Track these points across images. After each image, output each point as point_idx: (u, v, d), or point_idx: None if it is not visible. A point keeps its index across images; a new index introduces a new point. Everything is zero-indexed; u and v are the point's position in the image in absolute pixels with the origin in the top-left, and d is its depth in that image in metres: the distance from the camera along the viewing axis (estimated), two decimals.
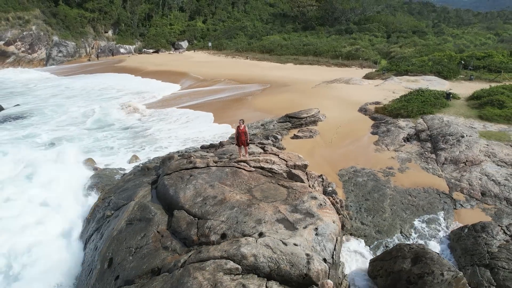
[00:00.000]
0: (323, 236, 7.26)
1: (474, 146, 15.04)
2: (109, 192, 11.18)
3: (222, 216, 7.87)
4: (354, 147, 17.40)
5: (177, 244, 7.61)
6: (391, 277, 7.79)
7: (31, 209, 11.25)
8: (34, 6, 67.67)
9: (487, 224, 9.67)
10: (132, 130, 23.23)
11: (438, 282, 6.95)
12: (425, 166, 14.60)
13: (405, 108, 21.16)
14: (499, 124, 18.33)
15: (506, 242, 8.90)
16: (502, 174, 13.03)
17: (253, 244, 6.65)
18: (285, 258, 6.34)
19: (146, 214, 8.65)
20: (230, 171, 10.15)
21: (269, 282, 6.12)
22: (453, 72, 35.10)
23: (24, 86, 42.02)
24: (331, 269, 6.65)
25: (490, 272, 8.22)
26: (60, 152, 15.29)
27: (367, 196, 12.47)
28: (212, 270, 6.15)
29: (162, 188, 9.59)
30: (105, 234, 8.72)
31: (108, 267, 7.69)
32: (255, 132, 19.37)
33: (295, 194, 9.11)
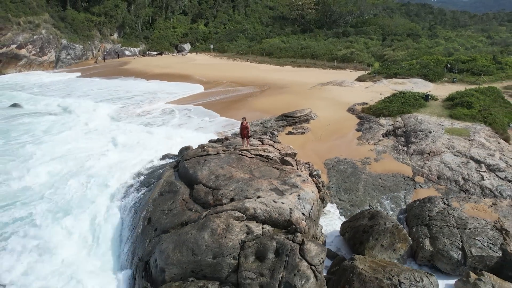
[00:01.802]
0: (303, 199, 10.18)
1: (438, 140, 17.97)
2: (139, 175, 14.13)
3: (230, 187, 10.79)
4: (340, 141, 20.33)
5: (198, 207, 10.52)
6: (353, 231, 10.73)
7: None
8: (44, 10, 70.53)
9: (432, 197, 12.61)
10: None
11: (382, 229, 9.88)
12: (397, 157, 17.52)
13: (387, 108, 24.09)
14: (465, 122, 21.23)
15: (443, 209, 11.83)
16: (456, 162, 15.95)
17: (253, 202, 9.56)
18: (275, 210, 9.25)
19: (173, 188, 11.58)
20: (235, 157, 13.07)
21: (264, 225, 9.02)
22: (438, 75, 37.98)
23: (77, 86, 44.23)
24: (308, 220, 9.54)
25: (427, 229, 11.15)
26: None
27: (345, 180, 15.40)
28: (225, 217, 9.06)
29: (183, 170, 12.52)
30: (142, 203, 11.65)
31: (148, 224, 10.61)
32: (255, 129, 22.27)
33: (285, 173, 12.03)
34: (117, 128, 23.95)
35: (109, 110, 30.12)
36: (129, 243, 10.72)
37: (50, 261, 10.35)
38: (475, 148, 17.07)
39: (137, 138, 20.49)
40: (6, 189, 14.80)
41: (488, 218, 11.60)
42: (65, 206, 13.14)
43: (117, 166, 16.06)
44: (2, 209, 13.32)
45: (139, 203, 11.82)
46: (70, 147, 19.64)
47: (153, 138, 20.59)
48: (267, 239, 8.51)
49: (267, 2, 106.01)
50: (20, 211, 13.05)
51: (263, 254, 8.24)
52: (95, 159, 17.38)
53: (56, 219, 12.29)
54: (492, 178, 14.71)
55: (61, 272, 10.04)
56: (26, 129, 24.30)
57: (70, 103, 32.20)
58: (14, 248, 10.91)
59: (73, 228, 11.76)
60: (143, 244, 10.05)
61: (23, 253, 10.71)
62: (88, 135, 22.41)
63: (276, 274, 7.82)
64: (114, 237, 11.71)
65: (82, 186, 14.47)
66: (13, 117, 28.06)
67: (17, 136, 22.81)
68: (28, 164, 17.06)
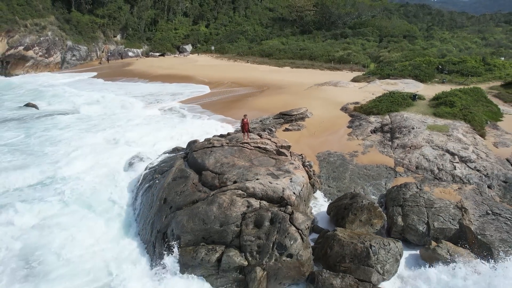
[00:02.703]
0: (295, 182, 12.16)
1: (419, 135, 19.95)
2: (153, 164, 16.14)
3: (233, 172, 12.77)
4: (332, 137, 22.31)
5: (206, 189, 12.50)
6: (336, 209, 12.74)
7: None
8: (49, 13, 72.51)
9: (408, 183, 14.61)
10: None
11: (360, 206, 11.88)
12: (382, 150, 19.51)
13: (376, 107, 26.06)
14: (447, 120, 23.20)
15: (416, 193, 13.82)
16: (434, 154, 17.94)
17: (252, 182, 11.55)
18: (270, 189, 11.23)
19: (185, 174, 13.56)
20: (237, 149, 15.06)
21: (261, 200, 11.00)
22: (428, 76, 39.96)
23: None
24: (297, 198, 11.52)
25: (401, 208, 13.14)
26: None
27: (334, 170, 17.40)
28: (230, 195, 11.04)
29: (192, 159, 14.51)
30: (158, 186, 13.64)
31: (163, 203, 12.59)
32: (255, 126, 24.24)
33: (280, 162, 14.02)
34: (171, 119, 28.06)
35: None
36: (148, 219, 12.72)
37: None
38: (451, 142, 19.06)
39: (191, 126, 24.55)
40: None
41: (453, 200, 13.61)
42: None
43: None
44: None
45: (155, 187, 13.81)
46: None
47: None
48: (264, 210, 10.51)
49: (267, 4, 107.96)
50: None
51: (260, 222, 10.22)
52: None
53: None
54: (463, 168, 16.70)
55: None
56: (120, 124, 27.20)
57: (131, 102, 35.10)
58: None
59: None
60: (160, 219, 12.05)
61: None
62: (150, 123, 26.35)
63: (270, 237, 9.81)
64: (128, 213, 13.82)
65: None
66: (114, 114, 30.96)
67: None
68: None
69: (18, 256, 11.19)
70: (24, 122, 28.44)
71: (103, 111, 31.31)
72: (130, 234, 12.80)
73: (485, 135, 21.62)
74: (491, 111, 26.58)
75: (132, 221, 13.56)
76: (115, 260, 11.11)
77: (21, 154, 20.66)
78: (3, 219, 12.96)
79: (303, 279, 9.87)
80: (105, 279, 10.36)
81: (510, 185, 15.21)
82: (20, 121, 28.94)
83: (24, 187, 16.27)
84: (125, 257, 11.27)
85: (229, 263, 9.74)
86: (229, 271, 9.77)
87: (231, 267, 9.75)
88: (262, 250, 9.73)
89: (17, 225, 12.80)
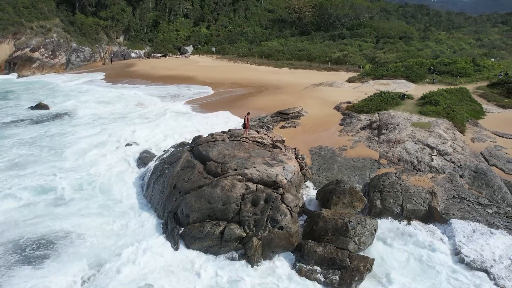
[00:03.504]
0: (287, 170, 14.10)
1: (403, 131, 21.89)
2: (162, 157, 18.11)
3: (234, 162, 14.71)
4: (324, 133, 24.23)
5: (210, 176, 14.43)
6: (323, 193, 14.69)
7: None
8: (54, 15, 74.43)
9: (388, 173, 16.56)
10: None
11: (342, 189, 13.83)
12: (369, 145, 21.45)
13: (367, 106, 27.99)
14: (431, 117, 25.10)
15: (394, 180, 15.77)
16: (415, 148, 19.87)
17: (250, 169, 13.49)
18: (265, 175, 13.17)
19: (191, 164, 15.51)
20: (237, 142, 17.01)
21: (258, 184, 12.94)
22: (420, 77, 41.85)
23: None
24: (288, 183, 13.46)
25: (380, 193, 15.09)
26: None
27: (325, 162, 19.34)
28: (231, 179, 12.98)
29: (197, 151, 16.45)
30: (168, 174, 15.58)
31: (173, 189, 14.54)
32: (254, 124, 26.19)
33: (275, 154, 15.97)
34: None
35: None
36: (160, 202, 14.67)
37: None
38: (432, 138, 21.00)
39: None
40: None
41: (426, 186, 15.55)
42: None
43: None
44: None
45: (165, 176, 15.75)
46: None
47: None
48: (260, 192, 12.45)
49: (267, 5, 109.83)
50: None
51: (256, 202, 12.17)
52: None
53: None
54: (440, 160, 18.64)
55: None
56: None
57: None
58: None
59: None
60: (171, 202, 14.00)
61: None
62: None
63: (265, 213, 11.75)
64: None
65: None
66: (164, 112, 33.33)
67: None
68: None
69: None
70: (38, 122, 30.40)
71: (115, 109, 33.34)
72: (144, 215, 14.77)
73: (465, 131, 23.56)
74: (474, 110, 28.53)
75: (145, 204, 15.54)
76: (135, 233, 13.13)
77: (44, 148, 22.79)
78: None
79: (292, 248, 11.81)
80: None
81: (479, 175, 17.13)
82: (35, 121, 30.93)
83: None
84: (144, 231, 13.24)
85: (231, 234, 11.69)
86: (231, 241, 11.71)
87: (232, 238, 11.69)
88: (258, 224, 11.67)
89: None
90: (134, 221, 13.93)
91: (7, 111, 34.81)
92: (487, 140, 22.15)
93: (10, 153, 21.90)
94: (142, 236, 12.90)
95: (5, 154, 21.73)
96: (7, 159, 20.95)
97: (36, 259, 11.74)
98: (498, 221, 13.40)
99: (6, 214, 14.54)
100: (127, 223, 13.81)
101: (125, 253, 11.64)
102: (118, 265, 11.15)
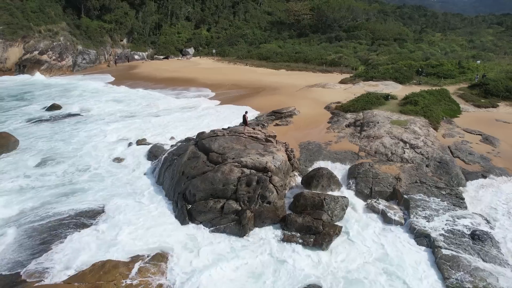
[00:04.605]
0: (275, 159, 17.05)
1: (382, 128, 24.82)
2: (171, 149, 21.09)
3: (232, 153, 17.65)
4: (313, 130, 27.15)
5: (212, 164, 17.36)
6: (306, 178, 17.64)
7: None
8: (61, 19, 77.39)
9: (363, 163, 19.52)
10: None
11: (321, 174, 16.79)
12: (351, 140, 24.38)
13: (353, 106, 30.90)
14: (409, 116, 27.99)
15: (367, 169, 18.71)
16: (390, 142, 22.79)
17: (245, 158, 16.45)
18: (257, 162, 16.12)
19: (196, 155, 18.47)
20: (235, 137, 19.96)
21: (251, 169, 15.89)
22: (407, 78, 44.75)
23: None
24: (277, 169, 16.40)
25: (355, 179, 18.01)
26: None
27: (311, 154, 22.28)
28: (229, 166, 15.93)
29: (201, 144, 19.40)
30: (177, 163, 18.53)
31: (182, 175, 17.49)
32: (250, 122, 29.12)
33: (267, 146, 18.91)
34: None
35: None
36: (171, 187, 17.64)
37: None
38: (406, 134, 23.92)
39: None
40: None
41: (393, 173, 18.49)
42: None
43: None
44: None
45: (174, 165, 18.71)
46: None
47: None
48: (252, 175, 15.41)
49: (266, 8, 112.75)
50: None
51: (250, 183, 15.11)
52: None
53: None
54: (411, 152, 21.56)
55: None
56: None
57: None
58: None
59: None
60: (180, 185, 16.95)
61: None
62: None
63: (256, 191, 14.70)
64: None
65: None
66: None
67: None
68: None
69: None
70: (54, 121, 33.41)
71: (125, 108, 36.47)
72: (158, 197, 17.76)
73: (438, 128, 26.50)
74: (451, 109, 31.46)
75: (160, 190, 18.57)
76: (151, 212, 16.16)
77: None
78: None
79: (278, 219, 14.74)
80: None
81: (442, 165, 20.04)
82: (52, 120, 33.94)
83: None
84: (158, 211, 16.25)
85: (229, 208, 14.64)
86: (229, 214, 14.65)
87: (230, 211, 14.63)
88: (251, 200, 14.62)
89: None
90: (150, 199, 16.95)
91: (24, 111, 37.79)
92: (456, 136, 25.09)
93: (37, 148, 24.91)
94: (157, 208, 16.01)
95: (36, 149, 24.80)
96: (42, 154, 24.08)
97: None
98: (448, 199, 16.34)
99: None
100: (145, 200, 16.86)
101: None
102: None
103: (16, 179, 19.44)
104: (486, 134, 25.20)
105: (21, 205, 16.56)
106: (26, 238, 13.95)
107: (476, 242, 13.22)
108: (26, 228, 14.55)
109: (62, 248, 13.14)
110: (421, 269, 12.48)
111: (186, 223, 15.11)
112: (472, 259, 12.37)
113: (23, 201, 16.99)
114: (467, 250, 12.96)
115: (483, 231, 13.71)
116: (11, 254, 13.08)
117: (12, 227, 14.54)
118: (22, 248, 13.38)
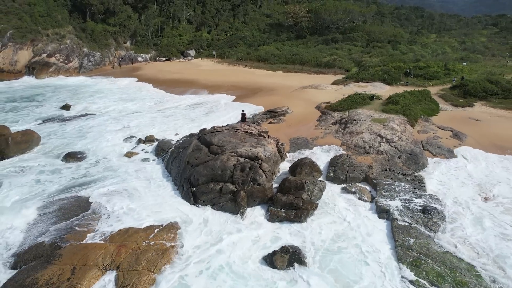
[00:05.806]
0: (266, 150, 20.21)
1: (363, 125, 27.97)
2: (177, 143, 24.29)
3: (230, 145, 20.81)
4: (303, 128, 30.31)
5: (212, 155, 20.56)
6: (292, 167, 20.82)
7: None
8: (67, 23, 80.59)
9: (342, 154, 22.68)
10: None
11: (304, 163, 19.97)
12: (336, 135, 27.54)
13: (340, 105, 34.05)
14: (390, 114, 31.11)
15: (344, 159, 21.88)
16: (369, 137, 25.93)
17: (240, 149, 19.61)
18: (250, 152, 19.28)
19: (199, 147, 21.65)
20: (233, 132, 23.14)
21: (245, 158, 19.05)
22: (394, 79, 47.85)
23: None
24: (266, 158, 19.54)
25: (334, 167, 21.18)
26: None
27: (299, 147, 25.45)
28: (227, 155, 19.09)
29: (203, 139, 22.58)
30: (183, 155, 21.71)
31: (187, 164, 20.68)
32: (247, 120, 32.27)
33: (259, 140, 22.09)
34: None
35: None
36: (178, 174, 20.83)
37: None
38: (384, 130, 27.06)
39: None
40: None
41: (367, 163, 21.64)
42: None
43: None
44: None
45: (180, 156, 21.90)
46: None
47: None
48: (246, 163, 18.59)
49: (265, 10, 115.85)
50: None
51: (244, 169, 18.29)
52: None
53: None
54: (386, 146, 24.71)
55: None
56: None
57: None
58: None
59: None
60: (186, 172, 20.14)
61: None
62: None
63: (249, 175, 17.87)
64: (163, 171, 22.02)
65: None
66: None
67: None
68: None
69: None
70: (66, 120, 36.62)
71: (131, 107, 39.91)
72: (167, 183, 20.95)
73: (415, 125, 29.64)
74: (430, 108, 34.61)
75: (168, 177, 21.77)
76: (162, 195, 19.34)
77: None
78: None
79: (266, 199, 17.90)
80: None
81: (412, 156, 23.17)
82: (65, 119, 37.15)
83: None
84: (167, 193, 19.44)
85: (226, 189, 17.82)
86: (226, 194, 17.83)
87: (227, 192, 17.81)
88: (244, 182, 17.79)
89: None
90: (161, 184, 20.18)
91: (38, 111, 40.97)
92: (429, 132, 28.24)
93: (55, 144, 28.10)
94: (167, 191, 19.26)
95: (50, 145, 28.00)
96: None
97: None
98: (411, 183, 19.51)
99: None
100: (156, 185, 20.10)
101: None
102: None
103: (43, 170, 22.67)
104: (456, 131, 28.33)
105: (52, 188, 19.79)
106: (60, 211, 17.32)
107: (426, 215, 16.37)
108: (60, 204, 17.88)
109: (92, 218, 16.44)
110: (381, 235, 15.63)
111: (191, 202, 18.27)
112: (419, 228, 15.53)
113: (51, 186, 20.24)
114: (418, 222, 16.12)
115: (433, 206, 16.87)
116: (54, 222, 16.38)
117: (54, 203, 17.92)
118: (59, 218, 16.73)
